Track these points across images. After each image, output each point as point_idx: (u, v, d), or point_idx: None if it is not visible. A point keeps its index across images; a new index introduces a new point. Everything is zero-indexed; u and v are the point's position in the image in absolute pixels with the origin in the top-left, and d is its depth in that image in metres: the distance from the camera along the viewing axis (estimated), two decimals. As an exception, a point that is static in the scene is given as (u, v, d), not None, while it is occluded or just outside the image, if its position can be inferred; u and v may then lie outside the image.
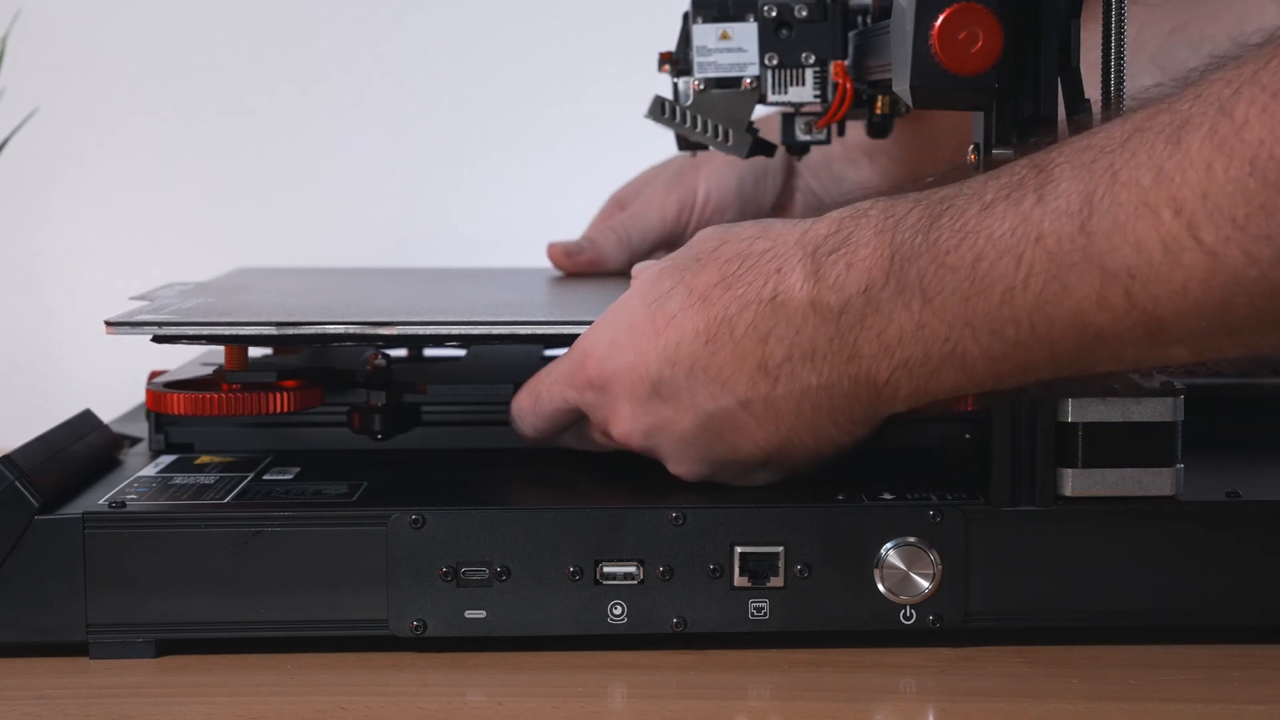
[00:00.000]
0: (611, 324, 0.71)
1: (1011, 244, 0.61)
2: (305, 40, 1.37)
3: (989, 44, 0.66)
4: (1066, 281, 0.60)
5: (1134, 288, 0.58)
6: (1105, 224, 0.58)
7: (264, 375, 0.77)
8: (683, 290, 0.69)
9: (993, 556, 0.68)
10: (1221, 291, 0.57)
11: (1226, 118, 0.56)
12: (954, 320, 0.63)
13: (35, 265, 1.37)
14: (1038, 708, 0.63)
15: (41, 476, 0.69)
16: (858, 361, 0.66)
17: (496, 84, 1.37)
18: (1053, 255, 0.60)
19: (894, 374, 0.65)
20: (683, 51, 0.85)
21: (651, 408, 0.70)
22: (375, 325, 0.73)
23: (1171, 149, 0.57)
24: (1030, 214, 0.60)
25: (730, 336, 0.67)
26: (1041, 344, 0.62)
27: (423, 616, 0.68)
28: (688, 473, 0.71)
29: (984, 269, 0.61)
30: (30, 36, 1.30)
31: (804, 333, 0.66)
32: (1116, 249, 0.58)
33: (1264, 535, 0.69)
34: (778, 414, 0.68)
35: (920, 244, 0.63)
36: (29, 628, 0.67)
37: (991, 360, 0.63)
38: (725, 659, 0.68)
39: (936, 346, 0.64)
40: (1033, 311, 0.61)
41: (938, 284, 0.63)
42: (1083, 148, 0.60)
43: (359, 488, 0.72)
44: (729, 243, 0.69)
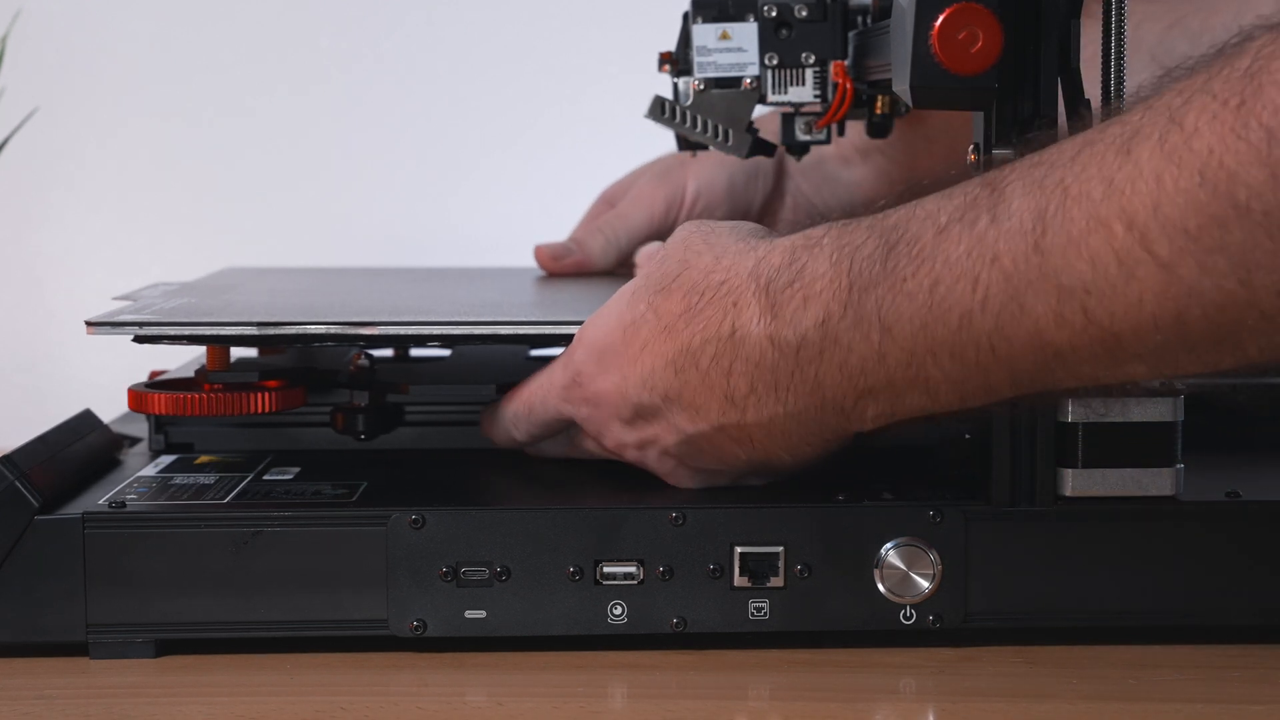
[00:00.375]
0: (596, 340, 0.71)
1: (967, 267, 0.60)
2: (305, 40, 1.37)
3: (989, 44, 0.66)
4: (1023, 301, 0.59)
5: (1090, 304, 0.58)
6: (1059, 241, 0.58)
7: (246, 375, 0.77)
8: (652, 317, 0.69)
9: (993, 556, 0.68)
10: (1176, 304, 0.57)
11: (1176, 127, 0.55)
12: (914, 348, 0.63)
13: (35, 265, 1.37)
14: (1038, 708, 0.63)
15: (41, 476, 0.69)
16: (821, 391, 0.66)
17: (496, 84, 1.37)
18: (1009, 276, 0.59)
19: (859, 400, 0.66)
20: (683, 51, 0.85)
21: (638, 426, 0.71)
22: (357, 325, 0.72)
23: (1121, 160, 0.57)
24: (985, 235, 0.60)
25: (696, 368, 0.68)
26: (1002, 365, 0.61)
27: (423, 616, 0.68)
28: (679, 483, 0.72)
29: (941, 294, 0.61)
30: (30, 36, 1.30)
31: (764, 366, 0.66)
32: (1071, 265, 0.58)
33: (1264, 535, 0.69)
34: (751, 438, 0.69)
35: (878, 273, 0.63)
36: (29, 628, 0.67)
37: (954, 383, 0.63)
38: (725, 659, 0.68)
39: (899, 373, 0.64)
40: (992, 333, 0.61)
41: (895, 312, 0.62)
42: (1034, 164, 0.60)
43: (359, 488, 0.72)
44: (689, 268, 0.69)
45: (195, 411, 0.75)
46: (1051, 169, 0.59)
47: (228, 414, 0.75)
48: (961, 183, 0.63)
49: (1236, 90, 0.54)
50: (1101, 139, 0.58)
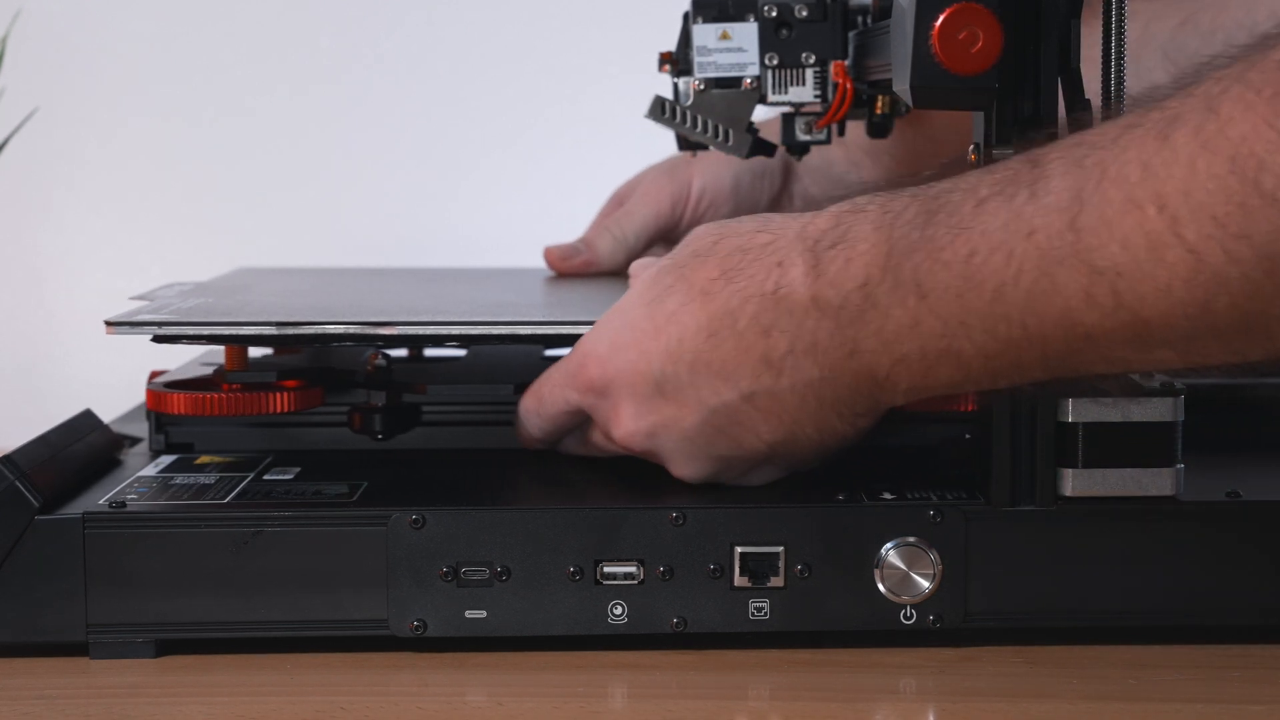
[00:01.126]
0: (612, 325, 0.71)
1: (1003, 239, 0.61)
2: (305, 40, 1.37)
3: (989, 44, 0.66)
4: (1055, 278, 0.60)
5: (1120, 286, 0.58)
6: (1093, 220, 0.58)
7: (264, 375, 0.77)
8: (682, 286, 0.69)
9: (993, 556, 0.68)
10: (1204, 291, 0.57)
11: (1212, 114, 0.56)
12: (949, 317, 0.63)
13: (35, 265, 1.38)
14: (1038, 708, 0.63)
15: (41, 476, 0.69)
16: (858, 356, 0.66)
17: (497, 84, 1.37)
18: (1042, 251, 0.60)
19: (893, 369, 0.65)
20: (683, 51, 0.85)
21: (654, 406, 0.70)
22: (375, 325, 0.73)
23: (1159, 145, 0.57)
24: (1022, 209, 0.60)
25: (733, 330, 0.67)
26: (1033, 342, 0.62)
27: (423, 616, 0.68)
28: (691, 473, 0.71)
29: (976, 264, 0.61)
30: (30, 36, 1.30)
31: (806, 326, 0.66)
32: (1104, 245, 0.58)
33: (1264, 535, 0.69)
34: (782, 406, 0.68)
35: (916, 239, 0.63)
36: (29, 628, 0.67)
37: (986, 358, 0.63)
38: (725, 659, 0.68)
39: (933, 343, 0.64)
40: (1023, 309, 0.61)
41: (932, 279, 0.63)
42: (1076, 143, 0.60)
43: (359, 488, 0.72)
44: (728, 237, 0.69)
45: (215, 412, 0.75)
46: (1092, 149, 0.59)
47: (247, 414, 0.75)
48: (1006, 158, 0.63)
49: (1271, 80, 0.55)
50: (1143, 123, 0.58)
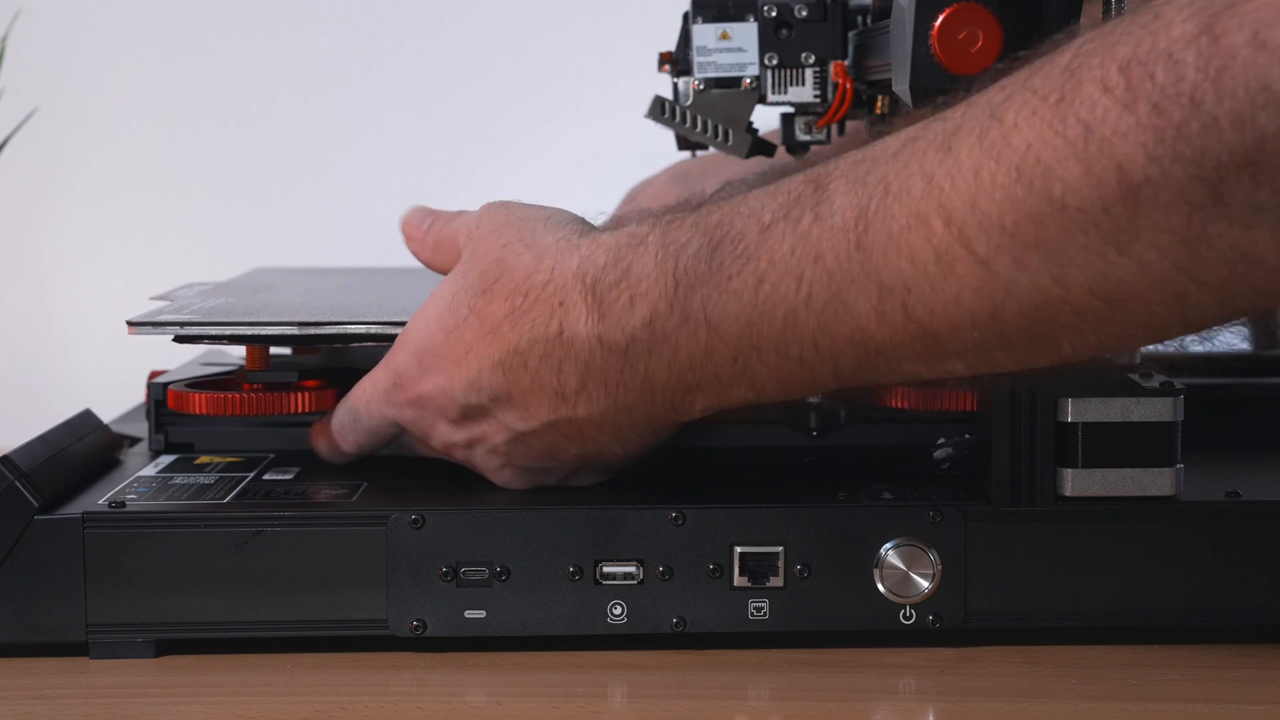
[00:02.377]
0: (418, 343, 0.71)
1: (792, 265, 0.61)
2: (305, 42, 1.37)
3: (989, 44, 0.66)
4: (846, 299, 0.60)
5: (910, 301, 0.58)
6: (880, 238, 0.58)
7: (286, 375, 0.77)
8: (475, 321, 0.69)
9: (993, 556, 0.68)
10: (993, 301, 0.57)
11: (996, 122, 0.55)
12: (740, 344, 0.63)
13: (35, 265, 1.38)
14: (1037, 708, 0.63)
15: (41, 476, 0.69)
16: (651, 386, 0.66)
17: (498, 85, 1.37)
18: (831, 274, 0.60)
19: (688, 394, 0.66)
20: (683, 51, 0.85)
21: (465, 426, 0.71)
22: (397, 325, 0.73)
23: (942, 156, 0.57)
24: (808, 233, 0.60)
25: (525, 368, 0.68)
26: (825, 361, 0.62)
27: (422, 616, 0.68)
28: (506, 482, 0.72)
29: (766, 292, 0.62)
30: (30, 36, 1.30)
31: (594, 364, 0.67)
32: (891, 263, 0.58)
33: (1264, 535, 0.69)
34: (583, 431, 0.69)
35: (703, 271, 0.63)
36: (29, 628, 0.67)
37: (779, 378, 0.64)
38: (725, 659, 0.68)
39: (726, 368, 0.64)
40: (815, 331, 0.61)
41: (722, 310, 0.63)
42: (858, 160, 0.60)
43: (359, 488, 0.72)
44: (509, 270, 0.69)
45: (237, 411, 0.75)
46: (874, 165, 0.59)
47: (269, 414, 0.76)
48: (786, 179, 0.63)
49: (1056, 86, 0.54)
50: (924, 135, 0.58)
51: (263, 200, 1.38)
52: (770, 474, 0.74)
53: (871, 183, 0.59)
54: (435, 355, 0.70)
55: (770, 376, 0.64)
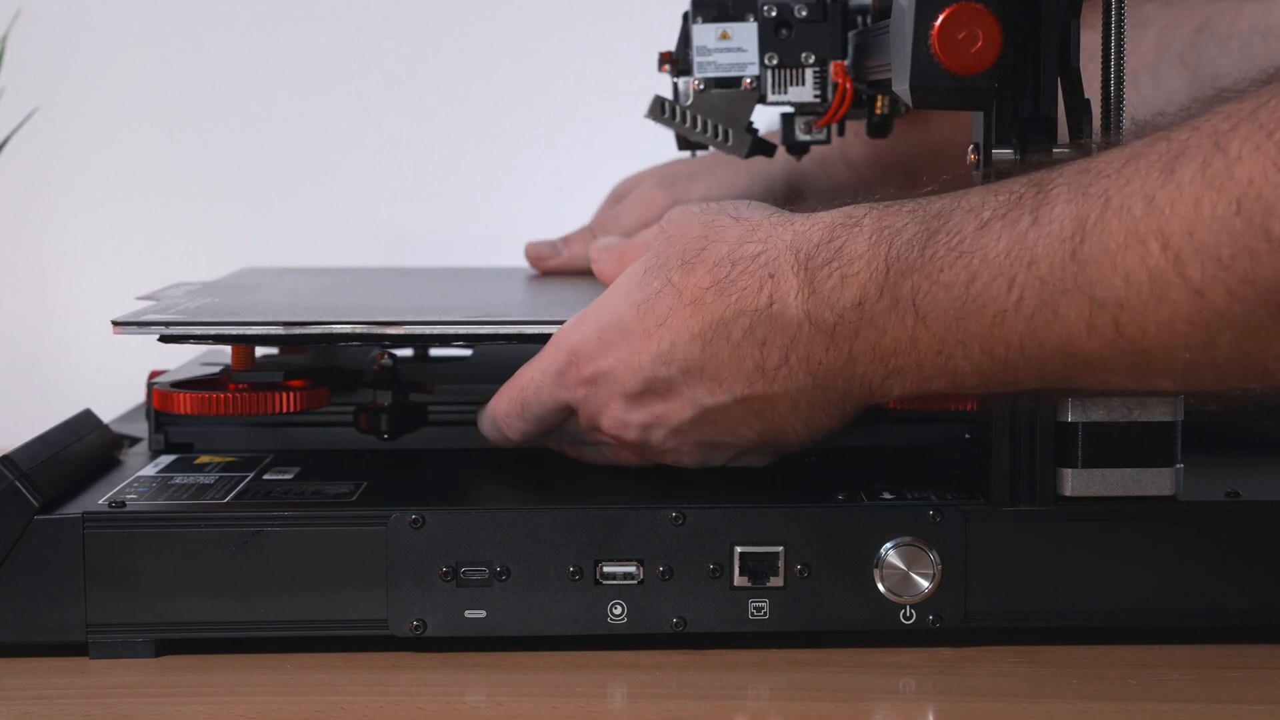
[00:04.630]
0: (599, 323, 0.71)
1: (1005, 266, 0.61)
2: (305, 41, 1.37)
3: (989, 44, 0.66)
4: (1057, 308, 0.60)
5: (1122, 318, 0.58)
6: (1095, 252, 0.58)
7: (271, 375, 0.77)
8: (672, 293, 0.69)
9: (993, 556, 0.68)
10: (1207, 329, 0.57)
11: (1220, 152, 0.55)
12: (946, 337, 0.63)
13: (35, 265, 1.38)
14: (1037, 708, 0.63)
15: (41, 476, 0.69)
16: (852, 367, 0.66)
17: (498, 85, 1.37)
18: (1044, 281, 0.60)
19: (887, 379, 0.66)
20: (683, 51, 0.85)
21: (646, 401, 0.70)
22: (383, 325, 0.73)
23: (1164, 178, 0.57)
24: (1025, 236, 0.60)
25: (727, 340, 0.67)
26: (1030, 364, 0.62)
27: (423, 616, 0.68)
28: (682, 461, 0.72)
29: (977, 290, 0.61)
30: (30, 36, 1.30)
31: (800, 340, 0.66)
32: (1106, 279, 0.58)
33: (1264, 535, 0.69)
34: (774, 408, 0.68)
35: (915, 259, 0.63)
36: (29, 628, 0.67)
37: (981, 374, 0.64)
38: (725, 659, 0.68)
39: (929, 359, 0.64)
40: (1023, 335, 0.61)
41: (931, 301, 0.63)
42: (1081, 169, 0.60)
43: (359, 488, 0.72)
44: (714, 242, 0.69)
45: (222, 411, 0.75)
46: (1097, 178, 0.59)
47: (254, 414, 0.75)
48: (1011, 179, 0.63)
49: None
50: (1149, 154, 0.58)
51: (263, 200, 1.37)
52: (770, 474, 0.74)
53: (1094, 195, 0.59)
54: (620, 330, 0.70)
55: (973, 372, 0.64)
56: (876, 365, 0.66)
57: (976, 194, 0.63)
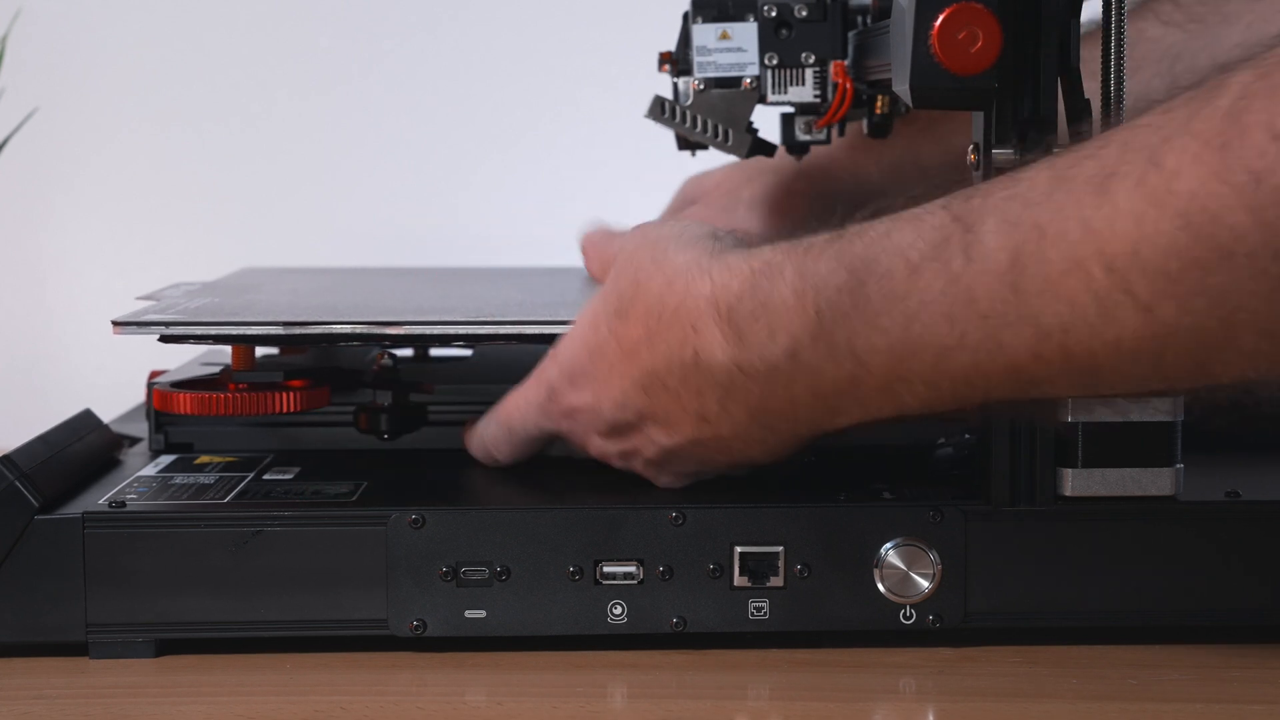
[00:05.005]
0: (568, 358, 0.71)
1: (943, 307, 0.60)
2: (305, 41, 1.37)
3: (989, 44, 0.66)
4: (1001, 340, 0.60)
5: (1069, 342, 0.58)
6: (1036, 283, 0.58)
7: (271, 375, 0.77)
8: (614, 343, 0.69)
9: (993, 556, 0.68)
10: (1156, 343, 0.57)
11: (1155, 168, 0.55)
12: (889, 376, 0.63)
13: (35, 265, 1.38)
14: (1037, 708, 0.63)
15: (41, 476, 0.69)
16: (794, 407, 0.66)
17: (498, 85, 1.37)
18: (985, 317, 0.60)
19: (833, 416, 0.66)
20: (683, 51, 0.85)
21: (616, 439, 0.72)
22: (382, 325, 0.73)
23: (1099, 200, 0.56)
24: (960, 276, 0.60)
25: (665, 388, 0.68)
26: (977, 392, 0.62)
27: (423, 616, 0.68)
28: (668, 485, 0.73)
29: (917, 331, 0.61)
30: (30, 36, 1.30)
31: (734, 389, 0.66)
32: (1049, 307, 0.58)
33: (1264, 535, 0.69)
34: (729, 446, 0.69)
35: (847, 307, 0.63)
36: (29, 628, 0.67)
37: (928, 405, 0.64)
38: (725, 659, 0.68)
39: (872, 397, 0.64)
40: (968, 368, 0.61)
41: (869, 346, 0.63)
42: (1007, 198, 0.60)
43: (359, 488, 0.72)
44: (643, 288, 0.69)
45: (222, 411, 0.75)
46: (1026, 206, 0.59)
47: (254, 414, 0.75)
48: (928, 212, 0.62)
49: (1219, 131, 0.54)
50: (1077, 175, 0.58)
51: (263, 200, 1.37)
52: (770, 474, 0.74)
53: (1025, 225, 0.58)
54: (582, 373, 0.71)
55: (918, 404, 0.64)
56: (818, 405, 0.66)
57: (899, 234, 0.62)
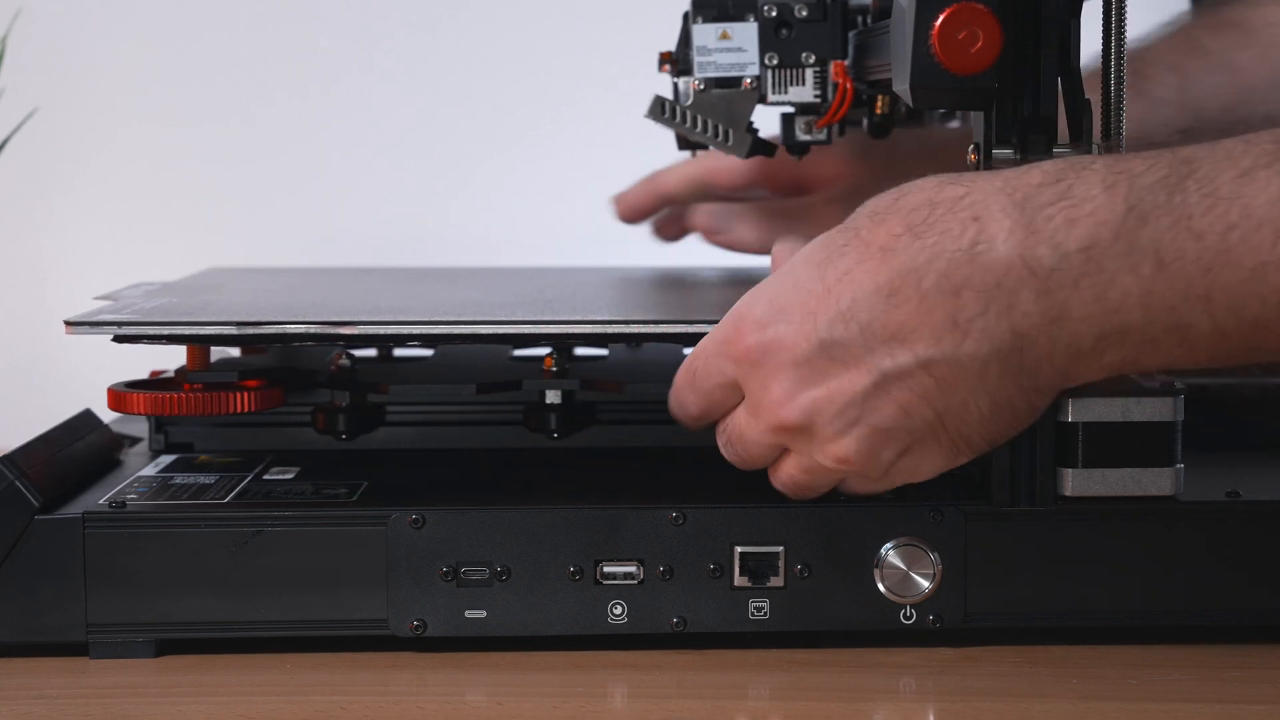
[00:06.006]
0: (772, 287, 0.65)
1: (1272, 216, 0.56)
2: (305, 41, 1.37)
3: (989, 44, 0.66)
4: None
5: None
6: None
7: (226, 375, 0.77)
8: (858, 245, 0.62)
9: (993, 556, 0.68)
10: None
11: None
12: (1189, 290, 0.58)
13: (36, 265, 1.37)
14: (1038, 708, 0.63)
15: (41, 476, 0.69)
16: (1063, 324, 0.60)
17: (497, 85, 1.37)
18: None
19: (1101, 341, 0.60)
20: (683, 51, 0.85)
21: (817, 371, 0.63)
22: (336, 325, 0.72)
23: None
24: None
25: (917, 289, 0.61)
26: None
27: (423, 616, 0.68)
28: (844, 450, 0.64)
29: (1235, 239, 0.57)
30: (30, 36, 1.30)
31: (1005, 286, 0.60)
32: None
33: (1264, 535, 0.69)
34: (960, 374, 0.62)
35: (1161, 204, 0.58)
36: (29, 628, 0.67)
37: (1219, 336, 0.59)
38: (725, 659, 0.68)
39: (1161, 316, 0.59)
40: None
41: (1177, 249, 0.58)
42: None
43: (359, 488, 0.72)
44: (910, 193, 0.63)
45: (174, 411, 0.75)
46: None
47: (206, 413, 0.75)
48: (1268, 130, 0.59)
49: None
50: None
51: (262, 200, 1.37)
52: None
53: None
54: (794, 290, 0.63)
55: (1210, 334, 0.58)
56: (1094, 323, 0.60)
57: (1230, 144, 0.59)
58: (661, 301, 0.81)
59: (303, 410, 0.80)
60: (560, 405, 0.78)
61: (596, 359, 0.90)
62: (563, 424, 0.78)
